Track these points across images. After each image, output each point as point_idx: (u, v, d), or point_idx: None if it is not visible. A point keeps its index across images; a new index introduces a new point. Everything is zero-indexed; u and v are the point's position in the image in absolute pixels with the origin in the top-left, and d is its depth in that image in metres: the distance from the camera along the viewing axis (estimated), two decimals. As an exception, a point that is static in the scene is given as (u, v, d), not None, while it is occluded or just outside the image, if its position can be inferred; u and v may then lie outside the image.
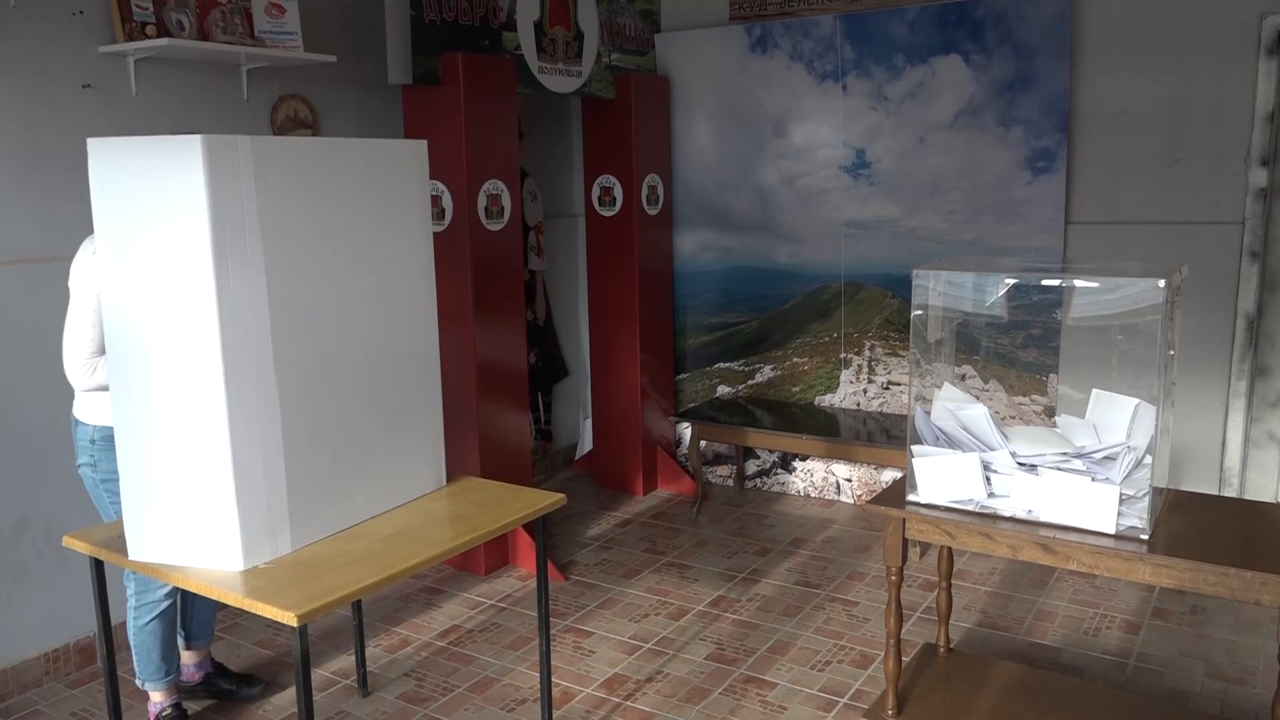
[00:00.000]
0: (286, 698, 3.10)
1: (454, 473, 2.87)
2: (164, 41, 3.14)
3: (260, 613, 2.03)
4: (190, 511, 2.17)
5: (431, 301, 2.67)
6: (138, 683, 2.88)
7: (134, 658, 2.85)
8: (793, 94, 4.72)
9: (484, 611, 3.72)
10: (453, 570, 4.07)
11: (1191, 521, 2.41)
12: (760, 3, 4.85)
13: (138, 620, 2.80)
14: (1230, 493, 4.05)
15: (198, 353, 2.08)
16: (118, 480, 2.25)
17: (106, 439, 2.62)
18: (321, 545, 2.31)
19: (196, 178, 2.00)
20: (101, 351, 2.55)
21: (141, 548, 2.23)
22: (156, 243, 2.06)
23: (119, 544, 2.29)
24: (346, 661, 3.30)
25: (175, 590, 2.79)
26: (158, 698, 2.89)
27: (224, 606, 2.85)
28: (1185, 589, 2.22)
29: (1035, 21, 4.10)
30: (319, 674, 3.25)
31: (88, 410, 2.67)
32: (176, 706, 2.91)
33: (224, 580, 2.12)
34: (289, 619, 1.95)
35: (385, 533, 2.40)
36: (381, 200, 2.47)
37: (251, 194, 2.09)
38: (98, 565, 2.38)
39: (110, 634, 2.46)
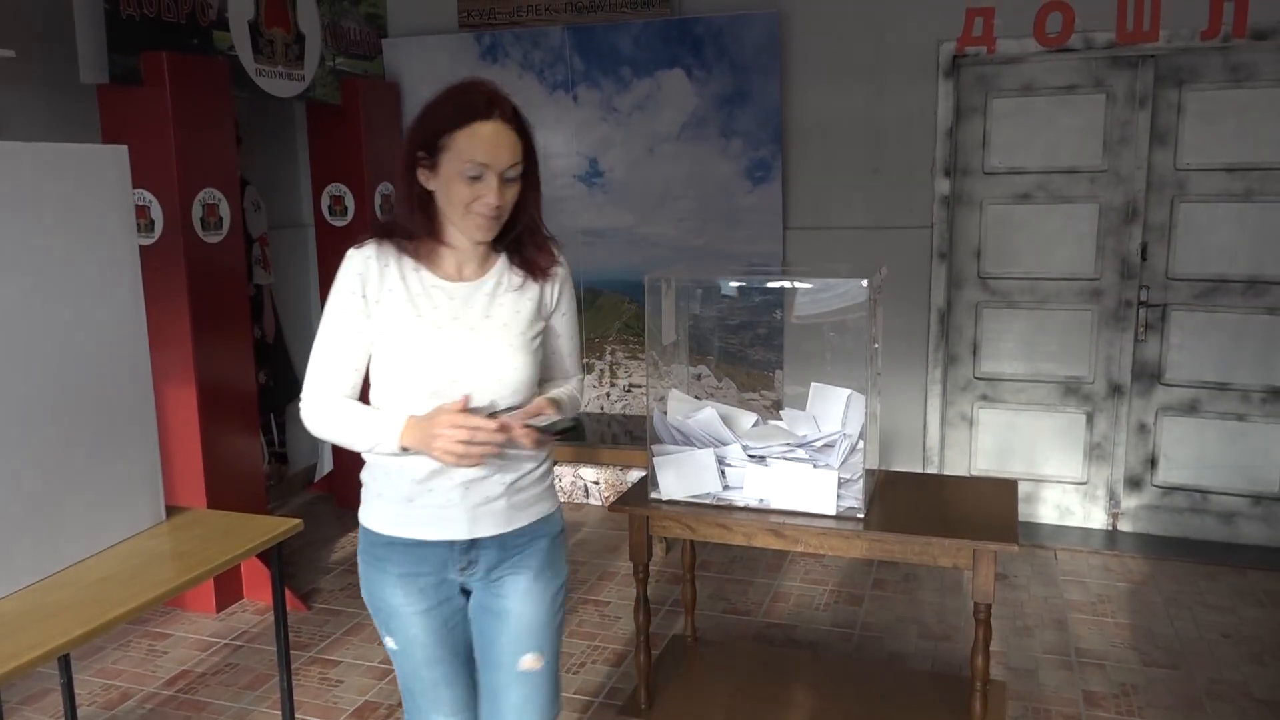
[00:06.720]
0: (-19, 775, 2.74)
1: (176, 506, 2.65)
2: None
3: (-61, 683, 1.77)
4: None
5: (141, 321, 2.44)
6: None
7: None
8: (525, 104, 4.70)
9: (218, 652, 3.46)
10: (179, 611, 3.76)
11: (900, 498, 2.66)
12: (490, 11, 4.84)
13: None
14: (932, 470, 4.51)
15: None
16: None
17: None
18: (15, 599, 2.05)
19: None
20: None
21: None
22: None
23: None
24: (55, 725, 2.96)
25: None
26: None
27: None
28: (897, 560, 2.45)
29: (748, 40, 4.37)
30: (21, 743, 2.89)
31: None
32: None
33: (-110, 650, 1.83)
34: (-24, 686, 1.72)
35: (94, 578, 2.17)
36: (76, 211, 2.23)
37: (-92, 205, 1.83)
38: None
39: None
